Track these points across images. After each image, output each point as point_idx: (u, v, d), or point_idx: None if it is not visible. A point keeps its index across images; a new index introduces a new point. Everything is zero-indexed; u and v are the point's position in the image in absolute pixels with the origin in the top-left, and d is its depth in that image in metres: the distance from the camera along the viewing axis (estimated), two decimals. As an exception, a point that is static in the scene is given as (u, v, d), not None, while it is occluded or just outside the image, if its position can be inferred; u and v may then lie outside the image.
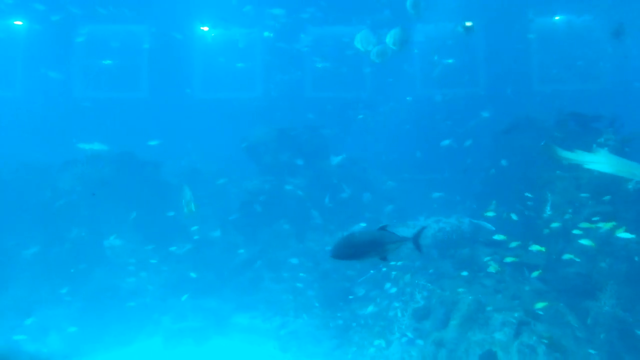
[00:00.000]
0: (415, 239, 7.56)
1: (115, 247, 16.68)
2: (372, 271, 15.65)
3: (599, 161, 7.04)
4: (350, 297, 15.79)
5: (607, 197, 12.04)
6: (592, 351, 10.34)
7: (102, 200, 17.73)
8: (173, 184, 19.77)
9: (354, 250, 6.94)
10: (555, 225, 12.01)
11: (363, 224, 16.61)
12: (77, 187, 17.97)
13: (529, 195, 13.18)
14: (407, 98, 23.94)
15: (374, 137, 24.70)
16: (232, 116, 25.64)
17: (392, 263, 15.23)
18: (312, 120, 22.53)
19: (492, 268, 12.10)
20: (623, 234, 10.40)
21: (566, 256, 11.83)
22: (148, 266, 17.32)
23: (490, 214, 12.59)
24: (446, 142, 18.09)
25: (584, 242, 11.63)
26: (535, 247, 11.05)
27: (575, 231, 11.69)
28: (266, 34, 24.08)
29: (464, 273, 12.84)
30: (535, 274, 11.56)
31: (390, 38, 9.56)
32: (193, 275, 17.05)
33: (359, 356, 14.02)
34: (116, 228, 17.35)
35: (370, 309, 15.13)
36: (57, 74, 23.62)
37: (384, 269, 15.68)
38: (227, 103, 27.29)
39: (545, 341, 10.67)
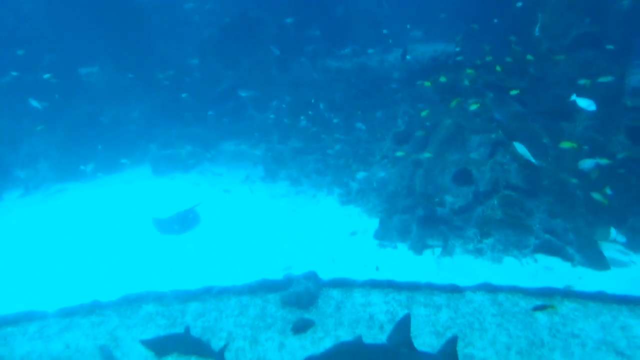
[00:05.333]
0: None
1: (92, 74, 16.13)
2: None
3: None
4: (335, 120, 15.98)
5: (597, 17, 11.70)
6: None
7: (70, 25, 16.65)
8: (145, 7, 18.50)
9: None
10: (543, 46, 11.81)
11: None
12: (42, 9, 16.70)
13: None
14: None
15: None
16: None
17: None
18: None
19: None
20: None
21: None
22: (129, 94, 17.03)
23: None
24: None
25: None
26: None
27: (559, 56, 11.68)
28: None
29: (446, 97, 12.92)
30: (514, 92, 11.64)
31: None
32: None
33: (343, 175, 14.76)
34: (89, 54, 16.60)
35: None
36: None
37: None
38: None
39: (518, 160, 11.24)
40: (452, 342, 5.27)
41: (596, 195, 10.16)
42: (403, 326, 5.15)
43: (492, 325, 7.82)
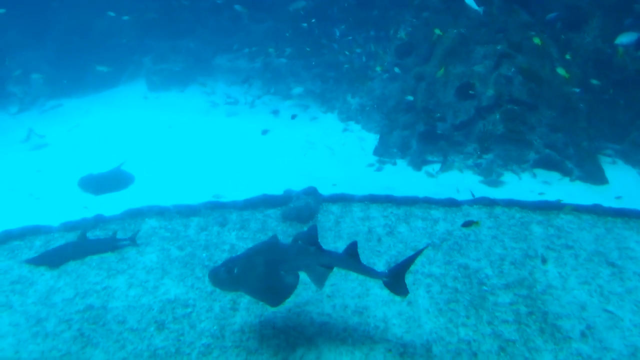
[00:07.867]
0: None
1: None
2: None
3: None
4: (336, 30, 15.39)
5: None
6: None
7: None
8: None
9: None
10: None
11: None
12: None
13: None
14: None
15: None
16: None
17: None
18: None
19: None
20: None
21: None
22: (119, 3, 16.22)
23: None
24: None
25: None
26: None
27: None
28: None
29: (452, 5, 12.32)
30: None
31: None
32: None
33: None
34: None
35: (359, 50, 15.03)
36: None
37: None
38: None
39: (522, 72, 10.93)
40: (353, 245, 5.57)
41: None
42: (312, 230, 5.73)
43: (488, 237, 7.99)
